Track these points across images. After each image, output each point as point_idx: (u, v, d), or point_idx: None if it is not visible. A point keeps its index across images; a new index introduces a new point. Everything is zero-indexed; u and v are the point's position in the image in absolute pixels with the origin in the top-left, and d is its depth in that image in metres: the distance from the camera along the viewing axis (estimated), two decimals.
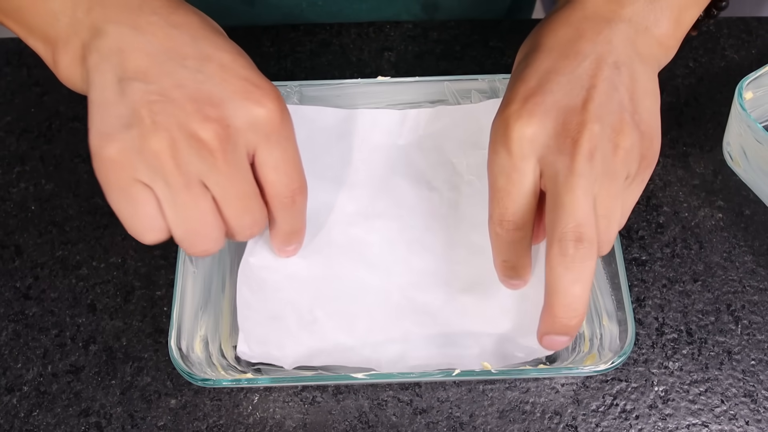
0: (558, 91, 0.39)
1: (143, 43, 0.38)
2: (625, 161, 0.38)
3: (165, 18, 0.39)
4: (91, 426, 0.45)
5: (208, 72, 0.38)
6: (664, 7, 0.40)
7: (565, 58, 0.39)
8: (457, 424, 0.44)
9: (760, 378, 0.46)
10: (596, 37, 0.40)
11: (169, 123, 0.37)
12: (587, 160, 0.37)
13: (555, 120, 0.38)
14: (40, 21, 0.39)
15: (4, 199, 0.53)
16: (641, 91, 0.40)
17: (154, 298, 0.49)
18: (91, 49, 0.38)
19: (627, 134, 0.38)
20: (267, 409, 0.45)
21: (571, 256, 0.37)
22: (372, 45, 0.60)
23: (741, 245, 0.50)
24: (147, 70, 0.38)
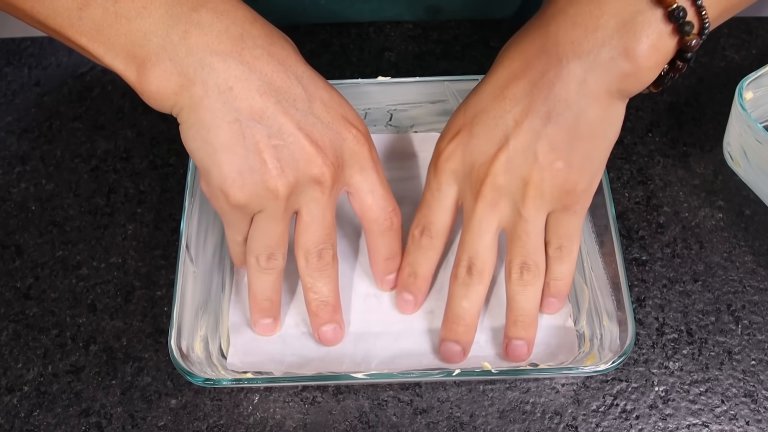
0: (482, 134, 0.42)
1: (254, 81, 0.38)
2: (539, 205, 0.41)
3: (267, 50, 0.39)
4: (92, 426, 0.45)
5: (316, 113, 0.40)
6: (638, 32, 0.38)
7: (499, 99, 0.41)
8: (458, 424, 0.44)
9: (760, 378, 0.46)
10: (539, 79, 0.40)
11: (292, 168, 0.40)
12: (489, 207, 0.42)
13: (471, 163, 0.42)
14: (125, 40, 0.38)
15: (4, 199, 0.53)
16: (578, 136, 0.40)
17: (155, 298, 0.49)
18: (195, 81, 0.38)
19: (536, 184, 0.41)
20: (267, 409, 0.45)
21: (462, 280, 0.43)
22: (372, 45, 0.60)
23: (741, 245, 0.50)
24: (263, 111, 0.39)
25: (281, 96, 0.39)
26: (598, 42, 0.38)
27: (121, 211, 0.52)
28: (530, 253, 0.43)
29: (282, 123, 0.39)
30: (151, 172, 0.54)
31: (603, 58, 0.38)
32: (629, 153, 0.54)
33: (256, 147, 0.39)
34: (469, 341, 0.44)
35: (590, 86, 0.39)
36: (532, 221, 0.42)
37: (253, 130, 0.39)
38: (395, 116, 0.53)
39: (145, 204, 0.53)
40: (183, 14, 0.38)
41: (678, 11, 0.37)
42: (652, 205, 0.52)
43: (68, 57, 0.60)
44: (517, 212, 0.42)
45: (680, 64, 0.39)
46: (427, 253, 0.45)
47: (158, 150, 0.55)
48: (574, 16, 0.39)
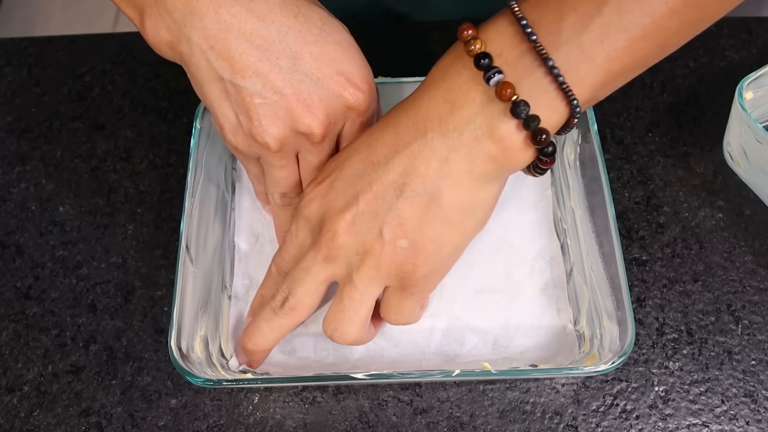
0: (340, 188, 0.41)
1: (232, 40, 0.38)
2: (373, 276, 0.40)
3: (246, 6, 0.38)
4: (92, 426, 0.45)
5: (303, 69, 0.40)
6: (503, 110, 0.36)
7: (363, 159, 0.40)
8: (458, 424, 0.44)
9: (760, 378, 0.46)
10: (403, 149, 0.38)
11: (278, 124, 0.40)
12: (323, 260, 0.41)
13: (323, 214, 0.41)
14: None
15: (4, 199, 0.53)
16: (430, 218, 0.39)
17: (155, 298, 0.49)
18: (181, 38, 0.39)
19: (375, 255, 0.39)
20: (267, 409, 0.45)
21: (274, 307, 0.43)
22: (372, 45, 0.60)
23: (741, 245, 0.50)
24: (244, 70, 0.39)
25: (262, 54, 0.39)
26: (463, 120, 0.37)
27: (121, 211, 0.52)
28: (346, 321, 0.41)
29: (265, 81, 0.39)
30: (151, 172, 0.54)
31: (467, 138, 0.37)
32: (629, 153, 0.54)
33: (242, 103, 0.39)
34: (255, 360, 0.44)
35: (451, 167, 0.37)
36: (361, 289, 0.40)
37: (236, 87, 0.39)
38: None
39: (145, 204, 0.53)
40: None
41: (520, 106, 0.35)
42: (652, 205, 0.52)
43: (68, 57, 0.60)
44: (349, 276, 0.41)
45: (545, 159, 0.37)
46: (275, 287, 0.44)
47: (158, 150, 0.55)
48: (445, 91, 0.38)
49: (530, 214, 0.51)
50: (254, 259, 0.49)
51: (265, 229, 0.50)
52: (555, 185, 0.52)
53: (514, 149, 0.37)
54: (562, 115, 0.36)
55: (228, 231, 0.50)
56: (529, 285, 0.48)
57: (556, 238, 0.50)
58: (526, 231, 0.50)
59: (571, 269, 0.48)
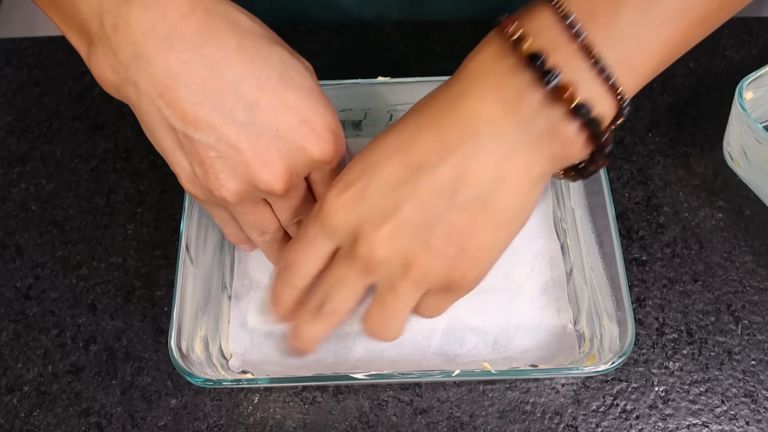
0: (374, 198, 0.37)
1: (182, 90, 0.35)
2: (417, 286, 0.38)
3: (198, 52, 0.35)
4: (92, 426, 0.45)
5: (260, 122, 0.36)
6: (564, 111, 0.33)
7: (402, 163, 0.36)
8: (458, 424, 0.44)
9: (760, 378, 0.46)
10: (450, 155, 0.35)
11: (235, 180, 0.37)
12: (361, 273, 0.38)
13: (356, 224, 0.37)
14: (75, 19, 0.36)
15: (4, 199, 0.53)
16: (482, 225, 0.36)
17: (155, 298, 0.49)
18: (127, 82, 0.36)
19: (422, 266, 0.37)
20: (267, 409, 0.45)
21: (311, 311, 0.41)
22: (372, 45, 0.60)
23: (741, 245, 0.50)
24: (196, 122, 0.36)
25: (215, 105, 0.35)
26: (521, 121, 0.34)
27: (121, 211, 0.52)
28: (388, 325, 0.40)
29: (219, 134, 0.36)
30: (151, 172, 0.54)
31: (525, 140, 0.34)
32: (629, 153, 0.54)
33: (196, 156, 0.37)
34: (303, 355, 0.45)
35: (508, 170, 0.35)
36: (404, 298, 0.38)
37: (189, 139, 0.36)
38: (395, 116, 0.53)
39: (145, 204, 0.53)
40: (114, 5, 0.35)
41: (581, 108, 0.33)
42: (652, 205, 0.52)
43: (68, 57, 0.60)
44: (391, 285, 0.38)
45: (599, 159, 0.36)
46: (287, 289, 0.42)
47: None
48: (494, 90, 0.35)
49: None
50: (254, 259, 0.49)
51: None
52: (555, 185, 0.52)
53: (576, 149, 0.35)
54: (612, 112, 0.34)
55: None
56: (529, 285, 0.48)
57: (556, 238, 0.50)
58: (526, 231, 0.50)
59: (571, 269, 0.48)
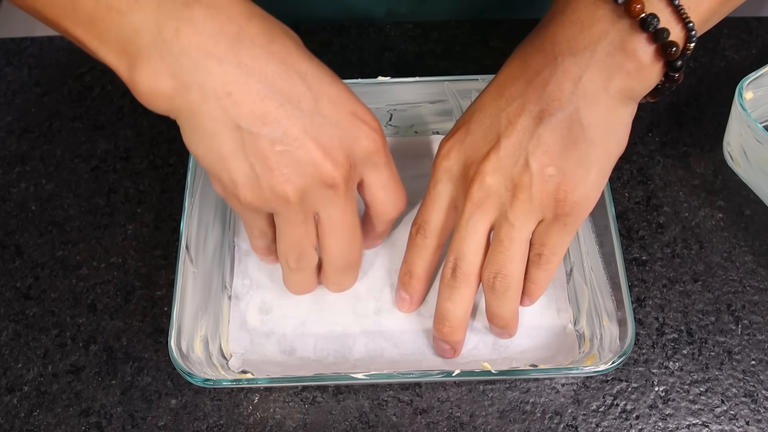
0: (477, 131, 0.41)
1: (254, 85, 0.36)
2: (527, 210, 0.40)
3: (266, 49, 0.37)
4: (92, 426, 0.45)
5: (323, 112, 0.38)
6: (633, 24, 0.36)
7: (496, 98, 0.41)
8: (458, 424, 0.44)
9: (760, 378, 0.46)
10: (534, 78, 0.39)
11: (299, 173, 0.38)
12: (476, 207, 0.41)
13: (465, 160, 0.42)
14: (117, 34, 0.36)
15: (4, 199, 0.53)
16: (572, 140, 0.39)
17: (154, 298, 0.49)
18: (191, 85, 0.36)
19: (526, 187, 0.40)
20: (267, 409, 0.45)
21: (448, 281, 0.43)
22: (372, 45, 0.60)
23: (741, 245, 0.50)
24: (264, 116, 0.37)
25: (284, 98, 0.37)
26: (594, 38, 0.37)
27: (121, 211, 0.52)
28: (508, 262, 0.41)
29: (286, 127, 0.37)
30: (151, 172, 0.54)
31: (599, 55, 0.37)
32: (629, 153, 0.54)
33: (261, 154, 0.37)
34: (456, 341, 0.44)
35: (586, 85, 0.38)
36: (518, 226, 0.41)
37: (255, 137, 0.37)
38: (395, 116, 0.53)
39: (145, 204, 0.53)
40: (175, 10, 0.35)
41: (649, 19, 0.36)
42: (652, 205, 0.52)
43: (68, 57, 0.60)
44: (504, 215, 0.41)
45: (674, 75, 0.38)
46: (422, 252, 0.45)
47: (158, 150, 0.55)
48: (570, 14, 0.38)
49: None
50: (254, 259, 0.49)
51: None
52: None
53: (647, 63, 0.37)
54: (679, 32, 0.36)
55: (228, 231, 0.50)
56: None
57: None
58: None
59: (571, 269, 0.48)
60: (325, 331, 0.47)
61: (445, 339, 0.44)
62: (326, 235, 0.42)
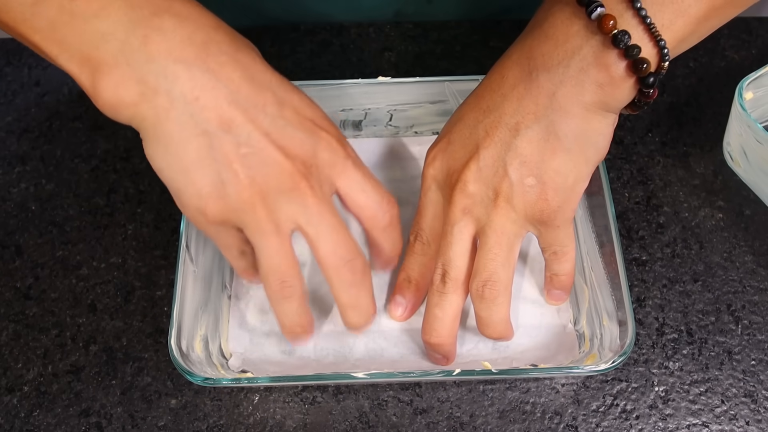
0: (457, 141, 0.42)
1: (221, 90, 0.37)
2: (512, 218, 0.41)
3: (233, 57, 0.37)
4: (92, 426, 0.45)
5: (286, 117, 0.39)
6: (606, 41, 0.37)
7: (475, 110, 0.42)
8: (458, 424, 0.44)
9: (760, 378, 0.46)
10: (510, 92, 0.40)
11: (263, 175, 0.38)
12: (462, 213, 0.42)
13: (447, 169, 0.43)
14: (80, 40, 0.35)
15: (4, 199, 0.53)
16: (549, 151, 0.40)
17: (154, 298, 0.49)
18: (158, 90, 0.36)
19: (507, 197, 0.41)
20: (267, 409, 0.45)
21: (437, 287, 0.43)
22: (372, 45, 0.60)
23: (741, 245, 0.50)
24: (231, 121, 0.37)
25: (249, 103, 0.37)
26: (567, 53, 0.38)
27: (121, 211, 0.52)
28: (498, 268, 0.41)
29: (250, 130, 0.37)
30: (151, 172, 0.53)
31: (572, 70, 0.38)
32: (629, 153, 0.54)
33: (226, 158, 0.37)
34: (446, 350, 0.44)
35: (560, 100, 0.39)
36: (505, 233, 0.41)
37: (221, 140, 0.37)
38: (395, 116, 0.53)
39: (145, 204, 0.53)
40: (144, 18, 0.35)
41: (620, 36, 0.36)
42: (652, 205, 0.52)
43: None
44: (489, 223, 0.41)
45: (648, 91, 0.38)
46: (420, 258, 0.45)
47: None
48: (547, 29, 0.39)
49: None
50: None
51: None
52: None
53: (619, 78, 0.37)
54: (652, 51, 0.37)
55: None
56: (529, 285, 0.48)
57: None
58: None
59: None
60: (325, 330, 0.47)
61: (433, 348, 0.44)
62: (316, 245, 0.40)
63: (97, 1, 0.35)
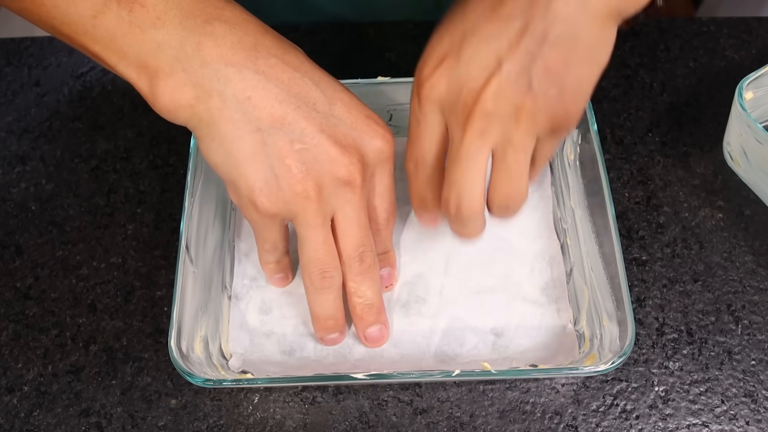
0: (471, 58, 0.39)
1: (272, 89, 0.38)
2: (532, 132, 0.39)
3: (281, 59, 0.39)
4: (92, 426, 0.45)
5: (337, 114, 0.40)
6: None
7: (492, 19, 0.38)
8: (458, 424, 0.44)
9: (760, 378, 0.46)
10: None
11: (317, 169, 0.39)
12: (479, 136, 0.39)
13: (459, 90, 0.39)
14: (138, 49, 0.37)
15: (4, 199, 0.53)
16: (574, 60, 0.38)
17: (154, 298, 0.49)
18: (212, 92, 0.38)
19: (529, 110, 0.38)
20: (267, 409, 0.45)
21: (453, 217, 0.42)
22: (372, 45, 0.60)
23: (741, 245, 0.50)
24: (283, 118, 0.38)
25: (300, 101, 0.39)
26: None
27: (121, 211, 0.52)
28: (518, 183, 0.41)
29: (303, 127, 0.39)
30: (151, 172, 0.54)
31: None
32: (629, 153, 0.54)
33: (280, 153, 0.39)
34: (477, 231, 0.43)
35: (590, 5, 0.37)
36: (524, 147, 0.40)
37: (274, 137, 0.39)
38: (395, 116, 0.53)
39: (145, 204, 0.53)
40: (196, 26, 0.38)
41: None
42: (652, 205, 0.52)
43: (68, 57, 0.60)
44: (508, 140, 0.39)
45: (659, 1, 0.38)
46: (431, 180, 0.44)
47: (158, 150, 0.55)
48: None
49: (530, 215, 0.51)
50: (254, 259, 0.49)
51: None
52: (555, 185, 0.52)
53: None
54: None
55: (228, 231, 0.50)
56: (529, 285, 0.48)
57: (556, 238, 0.50)
58: (526, 231, 0.50)
59: (571, 269, 0.48)
60: None
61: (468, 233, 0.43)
62: (341, 236, 0.42)
63: (154, 10, 0.37)
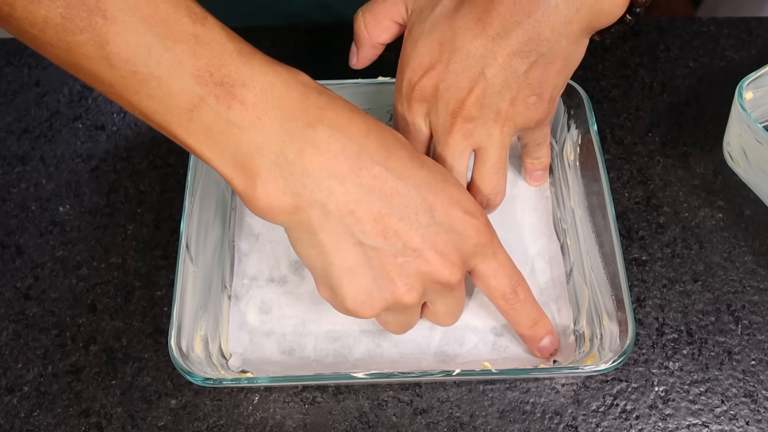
0: (459, 70, 0.41)
1: (375, 203, 0.37)
2: (511, 133, 0.44)
3: (385, 166, 0.38)
4: (92, 426, 0.45)
5: (438, 220, 0.39)
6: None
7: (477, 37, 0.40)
8: (458, 424, 0.44)
9: (760, 378, 0.46)
10: (523, 19, 0.39)
11: (419, 280, 0.39)
12: (462, 138, 0.43)
13: (447, 98, 0.42)
14: (236, 149, 0.36)
15: (4, 199, 0.53)
16: (553, 72, 0.42)
17: (154, 298, 0.49)
18: (313, 204, 0.37)
19: (511, 116, 0.43)
20: (267, 409, 0.45)
21: None
22: None
23: (741, 245, 0.50)
24: (386, 231, 0.38)
25: (403, 213, 0.38)
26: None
27: (121, 211, 0.52)
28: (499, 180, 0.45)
29: (406, 240, 0.38)
30: (151, 172, 0.54)
31: None
32: (629, 153, 0.54)
33: (383, 267, 0.38)
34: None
35: (573, 26, 0.40)
36: (501, 145, 0.44)
37: (378, 251, 0.38)
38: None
39: (145, 204, 0.53)
40: (298, 130, 0.36)
41: None
42: (652, 205, 0.52)
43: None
44: (491, 142, 0.43)
45: (627, 18, 0.41)
46: None
47: (158, 150, 0.55)
48: None
49: (530, 215, 0.51)
50: (254, 259, 0.49)
51: (265, 229, 0.50)
52: (555, 185, 0.52)
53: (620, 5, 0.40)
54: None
55: (228, 231, 0.50)
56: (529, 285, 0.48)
57: (556, 238, 0.50)
58: (526, 231, 0.50)
59: (571, 269, 0.48)
60: (325, 331, 0.47)
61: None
62: (437, 316, 0.44)
63: (253, 110, 0.35)
